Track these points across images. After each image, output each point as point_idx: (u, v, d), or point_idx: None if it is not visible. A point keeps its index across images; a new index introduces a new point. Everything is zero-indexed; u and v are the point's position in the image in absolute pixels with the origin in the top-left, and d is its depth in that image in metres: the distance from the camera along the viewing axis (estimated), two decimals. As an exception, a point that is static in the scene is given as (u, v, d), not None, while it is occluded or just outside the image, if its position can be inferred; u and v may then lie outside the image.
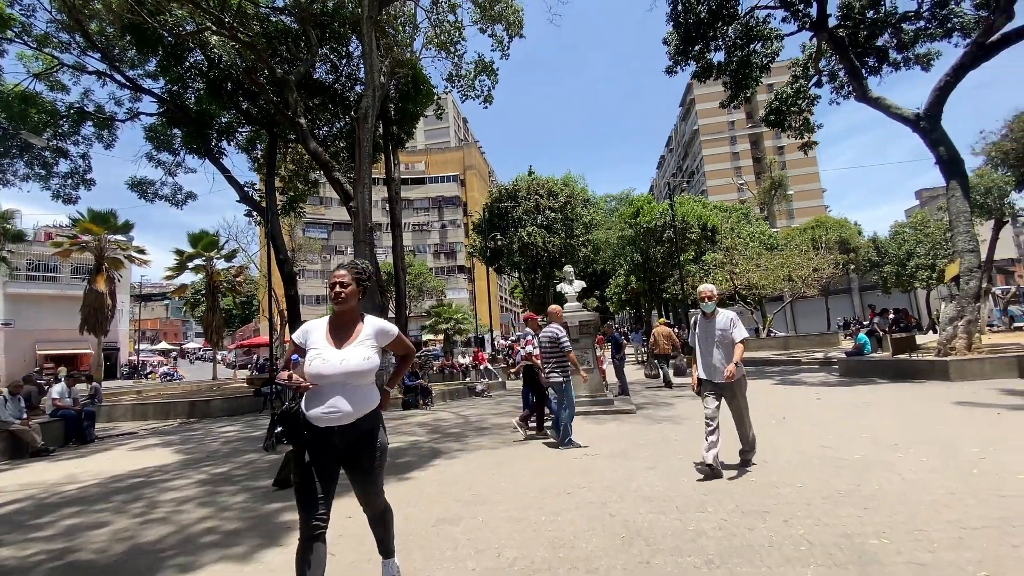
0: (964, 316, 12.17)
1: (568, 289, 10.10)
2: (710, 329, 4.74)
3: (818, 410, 7.92)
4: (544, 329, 6.82)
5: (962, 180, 13.14)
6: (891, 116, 14.57)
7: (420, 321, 40.97)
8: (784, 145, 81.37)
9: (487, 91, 27.08)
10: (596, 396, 9.28)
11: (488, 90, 27.15)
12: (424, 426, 8.94)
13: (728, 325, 4.69)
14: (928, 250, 29.12)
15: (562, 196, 27.18)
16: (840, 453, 5.07)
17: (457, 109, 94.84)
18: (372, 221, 13.04)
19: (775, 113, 19.95)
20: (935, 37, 16.93)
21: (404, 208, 64.15)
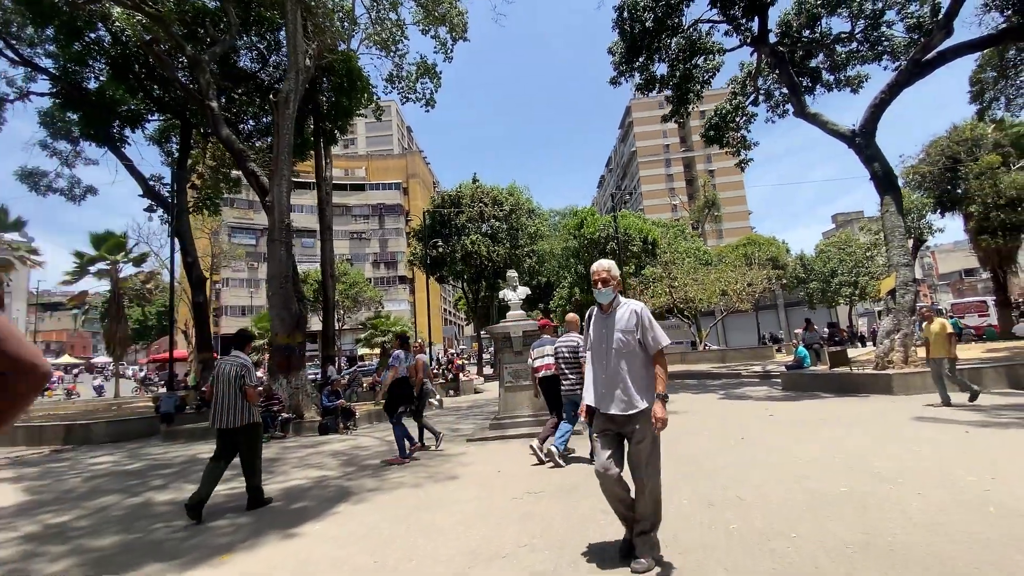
0: (900, 329, 12.27)
1: (512, 296, 9.13)
2: (607, 330, 3.16)
3: (776, 428, 7.33)
4: (563, 338, 6.32)
5: (896, 195, 13.40)
6: (827, 132, 14.80)
7: (355, 334, 38.73)
8: (715, 169, 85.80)
9: (430, 94, 26.05)
10: (540, 415, 8.30)
11: (431, 93, 26.10)
12: (338, 456, 7.61)
13: (634, 325, 3.07)
14: (850, 268, 30.64)
15: (507, 205, 26.43)
16: (822, 485, 4.33)
17: (401, 117, 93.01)
18: (290, 219, 11.57)
19: (714, 129, 20.15)
20: (866, 59, 17.65)
21: (342, 215, 61.55)
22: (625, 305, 3.18)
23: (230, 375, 4.89)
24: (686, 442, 6.67)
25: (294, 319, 11.38)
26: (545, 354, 6.64)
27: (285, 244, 11.42)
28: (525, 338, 8.50)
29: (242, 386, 4.87)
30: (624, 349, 3.05)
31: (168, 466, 7.71)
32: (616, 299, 3.22)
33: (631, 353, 3.05)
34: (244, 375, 4.91)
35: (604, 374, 3.12)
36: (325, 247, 19.67)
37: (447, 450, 7.43)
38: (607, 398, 3.07)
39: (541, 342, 6.84)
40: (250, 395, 4.91)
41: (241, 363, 5.01)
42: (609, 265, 3.29)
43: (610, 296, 3.21)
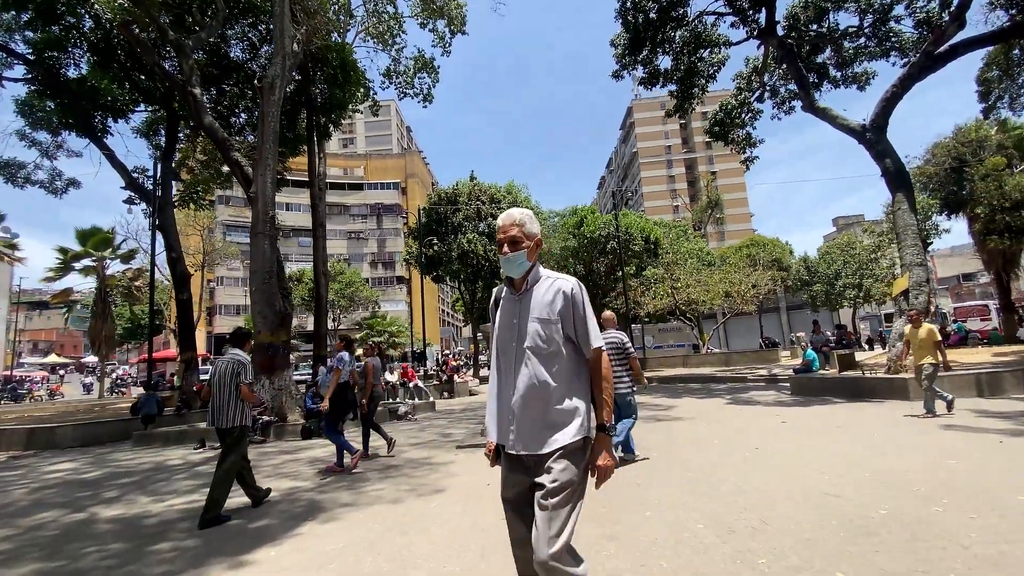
0: (914, 332, 11.73)
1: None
2: (519, 319, 2.04)
3: (790, 437, 6.74)
4: (606, 335, 5.91)
5: (908, 192, 12.86)
6: (837, 127, 14.28)
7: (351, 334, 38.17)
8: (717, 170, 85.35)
9: (427, 89, 25.57)
10: (535, 421, 7.72)
11: (428, 88, 25.65)
12: (316, 464, 7.01)
13: (559, 311, 1.98)
14: (855, 270, 30.11)
15: (505, 203, 25.84)
16: (857, 507, 3.75)
17: (400, 117, 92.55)
18: (274, 210, 10.98)
19: (719, 125, 19.65)
20: (874, 55, 17.16)
21: (340, 214, 61.02)
22: (548, 280, 2.03)
23: (226, 374, 4.78)
24: (695, 452, 6.09)
25: (278, 317, 10.78)
26: None
27: (269, 237, 10.83)
28: (520, 338, 7.91)
29: (238, 384, 4.76)
30: (543, 348, 1.93)
31: (130, 474, 7.10)
32: (535, 271, 2.06)
33: (553, 355, 1.93)
34: (240, 371, 4.79)
35: (512, 389, 1.96)
36: (318, 244, 19.07)
37: (434, 458, 6.84)
38: (515, 428, 1.94)
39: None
40: (245, 393, 4.79)
41: (238, 360, 4.87)
42: (521, 217, 2.06)
43: (524, 266, 2.02)
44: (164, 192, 16.30)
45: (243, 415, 4.84)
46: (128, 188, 15.91)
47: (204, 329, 52.63)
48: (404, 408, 11.59)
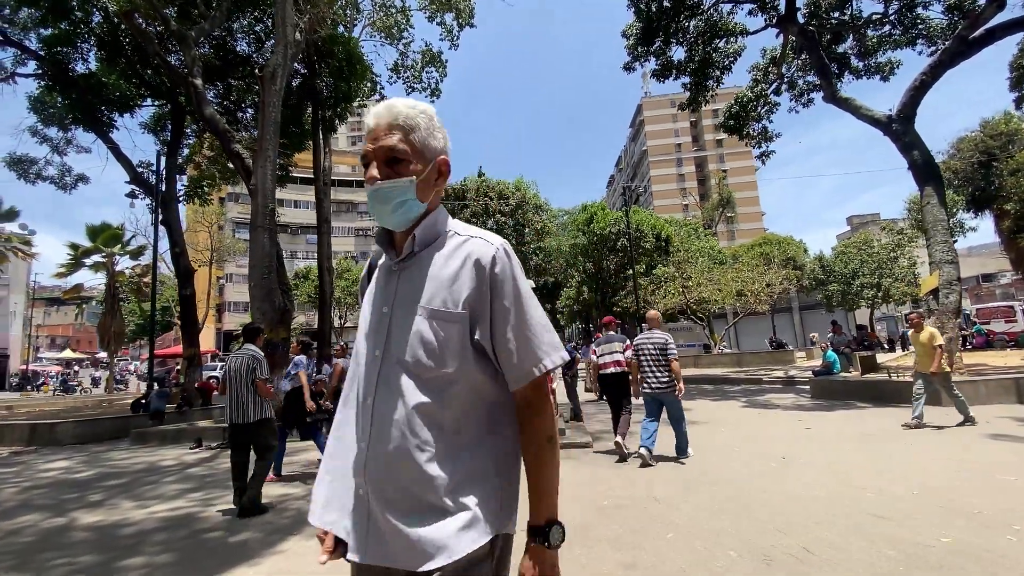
0: (944, 333, 11.15)
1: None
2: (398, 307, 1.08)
3: (819, 445, 6.26)
4: (648, 335, 6.00)
5: (938, 186, 12.27)
6: (860, 118, 13.70)
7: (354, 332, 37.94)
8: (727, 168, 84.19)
9: (435, 84, 25.21)
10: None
11: (436, 83, 25.30)
12: (311, 468, 6.65)
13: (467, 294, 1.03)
14: (873, 270, 29.32)
15: (513, 200, 25.42)
16: (912, 532, 3.28)
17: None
18: (274, 203, 10.63)
19: (734, 119, 19.07)
20: (899, 44, 16.52)
21: (348, 211, 60.89)
22: (456, 241, 1.10)
23: (241, 369, 4.76)
24: (718, 461, 5.64)
25: (277, 313, 10.44)
26: (613, 351, 6.39)
27: (269, 231, 10.49)
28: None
29: (254, 380, 4.74)
30: (426, 367, 1.02)
31: (121, 475, 6.78)
32: (434, 221, 1.13)
33: (446, 381, 1.02)
34: (256, 368, 4.78)
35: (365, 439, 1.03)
36: (323, 240, 18.78)
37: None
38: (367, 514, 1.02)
39: (608, 339, 6.55)
40: (262, 388, 4.78)
41: (252, 356, 4.87)
42: (409, 115, 1.10)
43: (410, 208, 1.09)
44: (169, 187, 16.06)
45: (263, 408, 4.81)
46: (132, 183, 15.69)
47: (213, 326, 52.81)
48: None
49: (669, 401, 5.87)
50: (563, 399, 9.79)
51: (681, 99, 19.19)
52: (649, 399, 5.97)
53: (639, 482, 5.01)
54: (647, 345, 5.93)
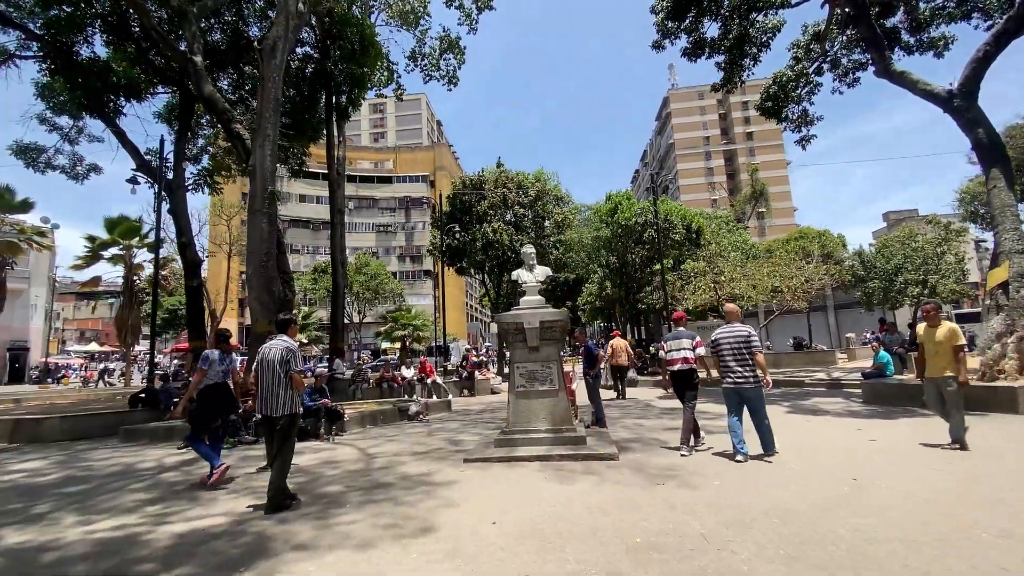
0: (1015, 331, 9.84)
1: (527, 277, 7.20)
2: None
3: (892, 463, 5.18)
4: (729, 329, 5.94)
5: (1005, 167, 10.90)
6: (917, 93, 12.34)
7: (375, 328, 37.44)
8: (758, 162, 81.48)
9: (452, 71, 24.44)
10: (561, 430, 6.35)
11: (454, 70, 24.52)
12: (295, 476, 5.82)
13: None
14: (918, 265, 27.43)
15: (533, 191, 24.44)
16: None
17: (431, 111, 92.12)
18: (274, 185, 9.90)
19: (772, 100, 17.70)
20: (953, 18, 15.05)
21: (369, 207, 60.76)
22: None
23: (275, 360, 4.62)
24: (775, 483, 4.61)
25: (278, 303, 9.72)
26: (682, 347, 6.36)
27: (268, 215, 9.77)
28: (543, 330, 6.56)
29: (288, 371, 4.60)
30: None
31: (88, 480, 6.09)
32: None
33: None
34: (291, 359, 4.63)
35: None
36: (336, 231, 18.17)
37: (435, 475, 5.54)
38: None
39: (677, 334, 6.53)
40: (297, 381, 4.66)
41: (287, 347, 4.71)
42: None
43: None
44: (176, 175, 15.58)
45: (294, 402, 4.66)
46: (139, 170, 15.23)
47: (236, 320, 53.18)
48: (415, 407, 10.37)
49: (752, 396, 5.70)
50: (584, 400, 8.83)
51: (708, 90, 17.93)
52: (731, 393, 5.82)
53: (679, 508, 4.03)
54: (729, 338, 5.84)
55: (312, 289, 32.91)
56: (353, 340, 37.15)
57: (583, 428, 7.08)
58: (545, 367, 6.57)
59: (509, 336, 6.78)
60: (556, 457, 5.85)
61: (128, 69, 16.03)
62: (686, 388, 6.30)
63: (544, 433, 6.32)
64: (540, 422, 6.42)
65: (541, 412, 6.46)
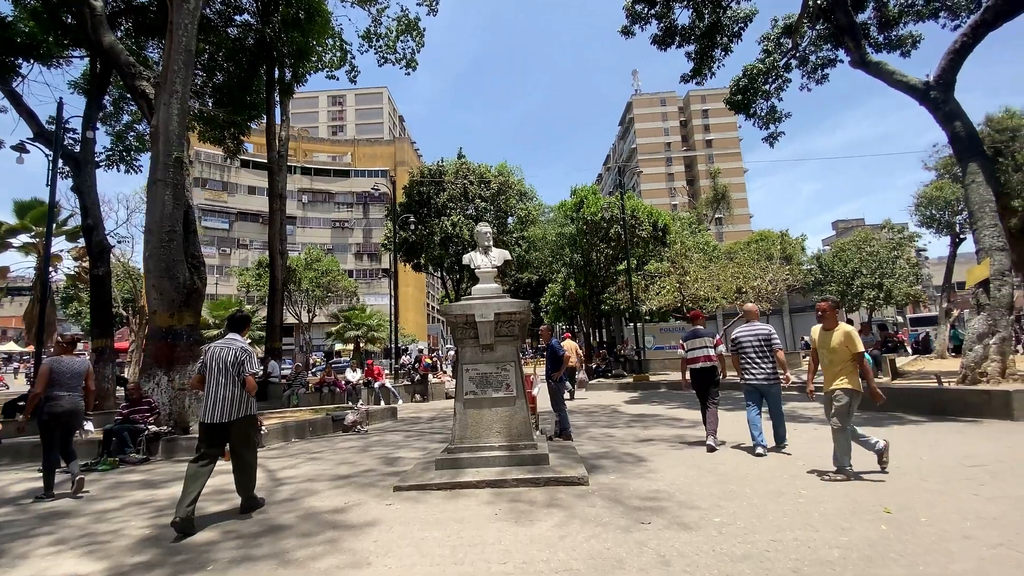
0: (997, 332, 9.35)
1: (480, 261, 5.99)
2: None
3: (919, 485, 4.24)
4: (750, 328, 6.19)
5: (983, 162, 10.50)
6: (893, 85, 11.87)
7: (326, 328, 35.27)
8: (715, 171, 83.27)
9: (411, 55, 22.93)
10: (519, 447, 5.15)
11: (412, 53, 23.01)
12: (166, 513, 4.39)
13: None
14: (873, 269, 27.84)
15: (495, 184, 23.27)
16: None
17: (393, 105, 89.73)
18: (183, 151, 8.31)
19: (741, 93, 17.14)
20: (922, 16, 14.86)
21: (324, 201, 58.09)
22: None
23: (227, 360, 4.24)
24: (787, 520, 3.54)
25: (183, 292, 8.13)
26: (705, 345, 6.46)
27: (173, 186, 8.16)
28: (499, 324, 5.35)
29: (240, 373, 4.22)
30: None
31: None
32: None
33: None
34: (245, 361, 4.27)
35: None
36: (275, 219, 16.45)
37: (352, 510, 4.24)
38: None
39: (696, 333, 6.62)
40: (251, 385, 4.26)
41: (241, 347, 4.36)
42: None
43: None
44: (85, 149, 13.53)
45: (248, 404, 4.30)
46: (36, 139, 13.09)
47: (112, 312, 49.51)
48: (352, 416, 8.94)
49: (772, 392, 5.96)
50: (545, 406, 7.68)
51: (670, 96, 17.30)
52: (752, 390, 6.02)
53: (676, 565, 2.89)
54: (750, 337, 6.05)
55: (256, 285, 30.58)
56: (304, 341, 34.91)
57: (545, 442, 5.91)
58: (501, 369, 5.36)
59: (458, 332, 5.53)
60: (512, 482, 4.64)
61: (32, 26, 13.89)
62: (709, 385, 6.43)
63: (498, 451, 5.10)
64: (493, 437, 5.20)
65: (495, 424, 5.23)
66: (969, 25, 11.03)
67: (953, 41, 11.09)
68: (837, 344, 4.70)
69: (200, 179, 53.84)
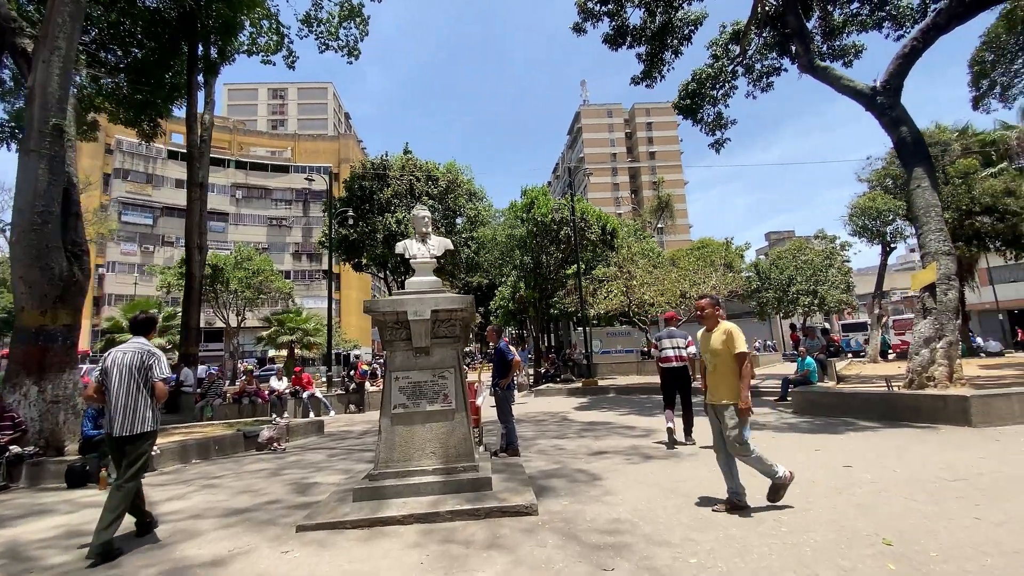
0: (944, 336, 9.40)
1: (416, 249, 5.16)
2: None
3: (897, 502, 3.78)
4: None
5: (928, 167, 10.62)
6: (840, 89, 11.97)
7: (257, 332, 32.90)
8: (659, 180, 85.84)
9: (353, 42, 21.70)
10: (456, 469, 4.33)
11: (355, 41, 21.77)
12: None
13: None
14: (808, 276, 28.96)
15: (443, 182, 22.33)
16: None
17: (339, 102, 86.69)
18: (63, 118, 6.94)
19: (690, 97, 17.15)
20: (865, 26, 15.28)
21: (261, 197, 54.84)
22: None
23: (132, 365, 3.80)
24: (776, 560, 2.91)
25: (58, 285, 6.76)
26: (677, 345, 6.77)
27: (49, 158, 6.78)
28: (437, 323, 4.54)
29: (148, 379, 3.82)
30: None
31: None
32: None
33: None
34: (153, 365, 3.86)
35: None
36: (193, 208, 14.81)
37: (236, 561, 3.28)
38: None
39: (671, 333, 6.94)
40: (161, 392, 3.89)
41: (148, 350, 3.91)
42: None
43: None
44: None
45: (155, 418, 3.86)
46: None
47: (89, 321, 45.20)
48: (268, 432, 7.77)
49: None
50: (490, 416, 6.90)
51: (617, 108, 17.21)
52: None
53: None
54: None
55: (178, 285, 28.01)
56: (234, 346, 32.40)
57: (488, 461, 5.11)
58: (438, 377, 4.54)
59: (387, 332, 4.66)
60: (446, 515, 3.81)
61: None
62: (682, 384, 6.71)
63: (432, 475, 4.26)
64: (426, 459, 4.35)
65: (429, 443, 4.39)
66: (920, 29, 11.14)
67: (903, 45, 11.21)
68: (719, 346, 4.07)
69: (121, 170, 49.58)
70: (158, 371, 3.86)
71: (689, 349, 6.79)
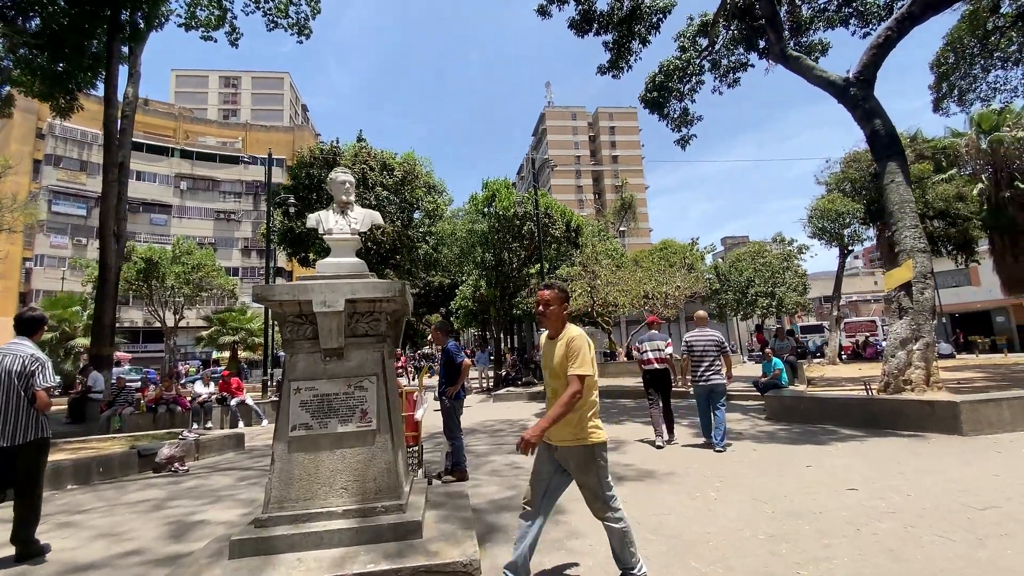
0: (921, 337, 8.95)
1: (333, 222, 4.08)
2: None
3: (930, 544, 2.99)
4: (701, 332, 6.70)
5: (902, 162, 10.23)
6: (812, 80, 11.55)
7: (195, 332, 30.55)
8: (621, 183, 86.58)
9: (304, 19, 20.18)
10: (375, 510, 3.27)
11: (305, 18, 20.25)
12: None
13: None
14: (767, 278, 29.10)
15: (399, 172, 21.06)
16: None
17: (296, 93, 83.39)
18: None
19: (658, 90, 16.61)
20: (832, 23, 15.09)
21: (207, 189, 51.69)
22: None
23: (12, 370, 3.49)
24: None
25: None
26: (657, 347, 6.99)
27: None
28: (354, 317, 3.48)
29: (29, 387, 3.51)
30: None
31: None
32: None
33: None
34: (36, 371, 3.54)
35: None
36: (109, 191, 13.13)
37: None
38: None
39: (651, 336, 7.18)
40: (43, 401, 3.56)
41: (31, 355, 3.58)
42: None
43: None
44: None
45: (40, 425, 3.57)
46: None
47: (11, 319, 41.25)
48: (169, 450, 6.43)
49: (720, 391, 6.48)
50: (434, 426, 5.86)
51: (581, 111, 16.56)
52: (702, 389, 6.54)
53: None
54: (702, 341, 6.59)
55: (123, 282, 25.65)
56: (172, 347, 29.98)
57: (423, 493, 4.06)
58: (354, 388, 3.47)
59: (287, 329, 3.56)
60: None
61: None
62: (663, 385, 6.97)
63: (341, 519, 3.19)
64: (335, 496, 3.28)
65: (339, 477, 3.31)
66: (895, 18, 10.77)
67: (876, 35, 10.82)
68: (558, 362, 2.80)
69: (53, 156, 45.74)
70: (40, 379, 3.56)
71: (667, 350, 7.07)
